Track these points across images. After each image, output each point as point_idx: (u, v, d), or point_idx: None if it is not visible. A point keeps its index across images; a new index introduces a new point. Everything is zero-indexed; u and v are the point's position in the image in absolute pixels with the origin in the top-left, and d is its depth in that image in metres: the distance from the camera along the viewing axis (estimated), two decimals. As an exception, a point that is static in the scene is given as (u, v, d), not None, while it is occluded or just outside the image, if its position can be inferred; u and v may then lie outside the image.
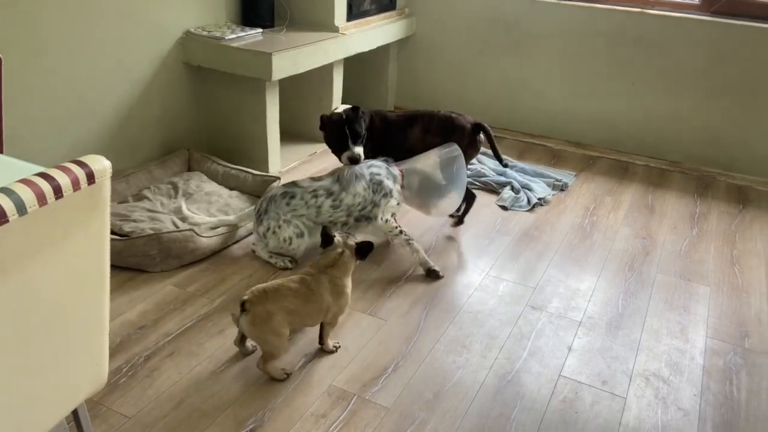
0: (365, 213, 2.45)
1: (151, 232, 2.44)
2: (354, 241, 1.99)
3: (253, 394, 1.84)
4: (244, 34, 3.09)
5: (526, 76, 3.82)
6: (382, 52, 3.94)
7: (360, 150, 2.47)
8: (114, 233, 2.47)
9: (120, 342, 2.02)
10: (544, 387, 1.94)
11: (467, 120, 2.69)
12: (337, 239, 1.98)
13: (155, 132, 3.08)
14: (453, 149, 2.55)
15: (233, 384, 1.88)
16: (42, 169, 0.98)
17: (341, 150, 2.49)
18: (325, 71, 3.44)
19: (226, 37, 3.00)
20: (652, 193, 3.30)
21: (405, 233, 2.47)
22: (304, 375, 1.93)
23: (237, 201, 2.83)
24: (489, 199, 3.14)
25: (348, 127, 2.45)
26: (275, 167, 3.25)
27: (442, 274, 2.46)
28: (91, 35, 2.65)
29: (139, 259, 2.37)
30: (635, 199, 3.22)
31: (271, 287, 1.85)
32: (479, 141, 2.73)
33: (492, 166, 3.41)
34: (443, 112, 2.72)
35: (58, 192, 0.96)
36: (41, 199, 0.94)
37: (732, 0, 3.29)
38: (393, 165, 2.54)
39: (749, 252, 2.77)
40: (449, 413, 1.82)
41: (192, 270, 2.43)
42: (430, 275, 2.45)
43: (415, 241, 2.48)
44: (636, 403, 1.89)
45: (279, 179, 2.92)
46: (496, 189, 3.21)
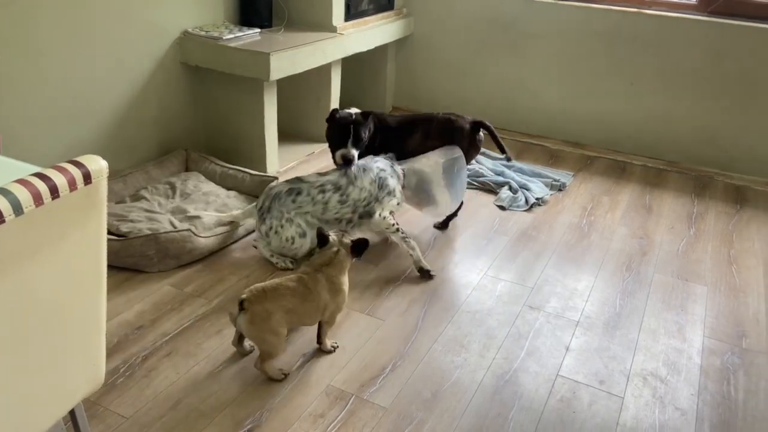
0: (368, 209, 2.45)
1: (149, 232, 2.43)
2: (349, 240, 2.00)
3: (251, 394, 1.84)
4: (241, 34, 3.08)
5: (523, 76, 3.82)
6: (380, 52, 3.94)
7: (356, 153, 2.47)
8: (111, 233, 2.47)
9: (117, 342, 2.02)
10: (541, 387, 1.94)
11: (466, 120, 2.69)
12: (332, 238, 1.98)
13: (153, 132, 3.07)
14: (455, 152, 2.56)
15: (231, 384, 1.88)
16: (38, 169, 0.98)
17: (338, 147, 2.50)
18: (324, 71, 3.44)
19: (223, 37, 2.99)
20: (649, 193, 3.30)
21: (402, 231, 2.47)
22: (302, 375, 1.93)
23: (235, 201, 2.83)
24: (487, 199, 3.14)
25: (353, 129, 2.47)
26: (273, 167, 3.25)
27: (434, 273, 2.46)
28: (89, 35, 2.65)
29: (137, 260, 2.37)
30: (633, 199, 3.22)
31: (270, 286, 1.85)
32: (479, 140, 2.73)
33: (490, 166, 3.41)
34: (442, 114, 2.72)
35: (54, 192, 0.96)
36: (38, 200, 0.94)
37: (729, 0, 3.29)
38: (396, 164, 2.55)
39: (746, 252, 2.78)
40: (447, 413, 1.82)
41: (189, 270, 2.43)
42: (422, 275, 2.45)
43: (412, 239, 2.48)
44: (633, 403, 1.89)
45: (277, 179, 2.92)
46: (494, 189, 3.21)
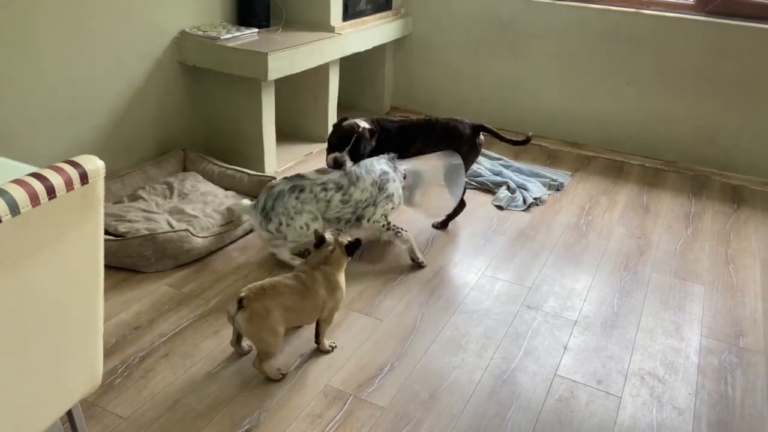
0: (365, 211, 2.44)
1: (146, 232, 2.43)
2: (345, 238, 2.01)
3: (249, 394, 1.84)
4: (239, 33, 3.08)
5: (521, 76, 3.82)
6: (378, 52, 3.94)
7: (349, 163, 2.44)
8: (109, 233, 2.47)
9: (115, 342, 2.02)
10: (539, 386, 1.94)
11: (466, 125, 2.69)
12: (329, 237, 2.00)
13: (150, 132, 3.07)
14: (455, 159, 2.57)
15: (229, 384, 1.87)
16: (35, 169, 0.97)
17: (334, 151, 2.48)
18: (321, 71, 3.44)
19: (221, 37, 2.99)
20: (647, 193, 3.30)
21: (393, 227, 2.48)
22: (300, 375, 1.93)
23: (232, 201, 2.83)
24: (485, 199, 3.14)
25: (354, 140, 2.45)
26: (271, 167, 3.25)
27: (425, 264, 2.53)
28: (87, 35, 2.64)
29: (134, 260, 2.36)
30: (630, 199, 3.22)
31: (268, 284, 1.86)
32: (479, 144, 2.74)
33: (488, 166, 3.41)
34: (441, 119, 2.71)
35: (51, 192, 0.96)
36: (34, 200, 0.94)
37: (727, 0, 3.30)
38: (399, 164, 2.53)
39: (744, 251, 2.78)
40: (445, 413, 1.82)
41: (187, 270, 2.42)
42: (415, 264, 2.54)
43: (405, 231, 2.49)
44: (631, 402, 1.89)
45: (275, 179, 2.91)
46: (492, 189, 3.21)
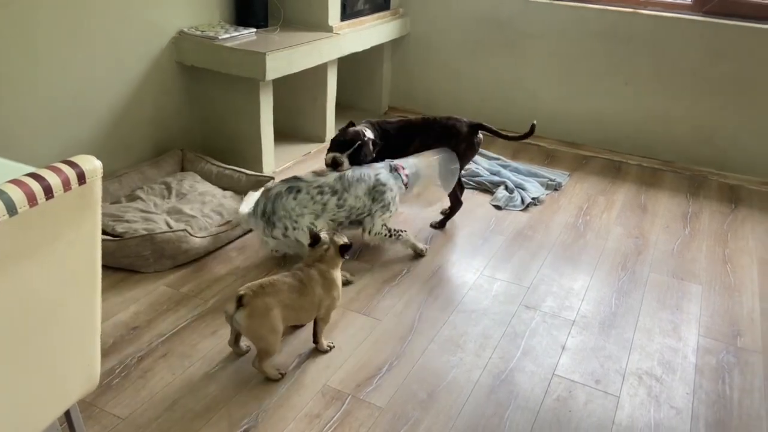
0: (360, 219, 2.44)
1: (144, 232, 2.43)
2: (341, 238, 2.02)
3: (247, 394, 1.84)
4: (237, 33, 3.08)
5: (519, 75, 3.82)
6: (376, 51, 3.94)
7: (347, 166, 2.43)
8: (107, 234, 2.47)
9: (113, 343, 2.02)
10: (537, 386, 1.94)
11: (463, 123, 2.69)
12: (324, 237, 2.01)
13: (148, 132, 3.07)
14: (452, 159, 2.58)
15: (227, 385, 1.87)
16: (33, 169, 0.97)
17: (335, 151, 2.48)
18: (320, 71, 3.44)
19: (219, 37, 2.99)
20: (644, 193, 3.31)
21: (392, 231, 2.49)
22: (298, 375, 1.93)
23: (231, 201, 2.82)
24: (483, 199, 3.14)
25: (356, 147, 2.45)
26: (269, 167, 3.25)
27: (425, 252, 2.61)
28: (85, 35, 2.64)
29: (132, 260, 2.36)
30: (628, 199, 3.23)
31: (267, 282, 1.86)
32: (477, 143, 2.75)
33: (486, 165, 3.41)
34: (439, 118, 2.72)
35: (48, 192, 0.96)
36: (31, 200, 0.94)
37: (724, 0, 3.30)
38: (402, 172, 2.49)
39: (741, 251, 2.79)
40: (443, 413, 1.82)
41: (185, 270, 2.42)
42: (416, 254, 2.61)
43: (404, 232, 2.52)
44: (629, 402, 1.90)
45: (273, 179, 2.91)
46: (490, 189, 3.21)
